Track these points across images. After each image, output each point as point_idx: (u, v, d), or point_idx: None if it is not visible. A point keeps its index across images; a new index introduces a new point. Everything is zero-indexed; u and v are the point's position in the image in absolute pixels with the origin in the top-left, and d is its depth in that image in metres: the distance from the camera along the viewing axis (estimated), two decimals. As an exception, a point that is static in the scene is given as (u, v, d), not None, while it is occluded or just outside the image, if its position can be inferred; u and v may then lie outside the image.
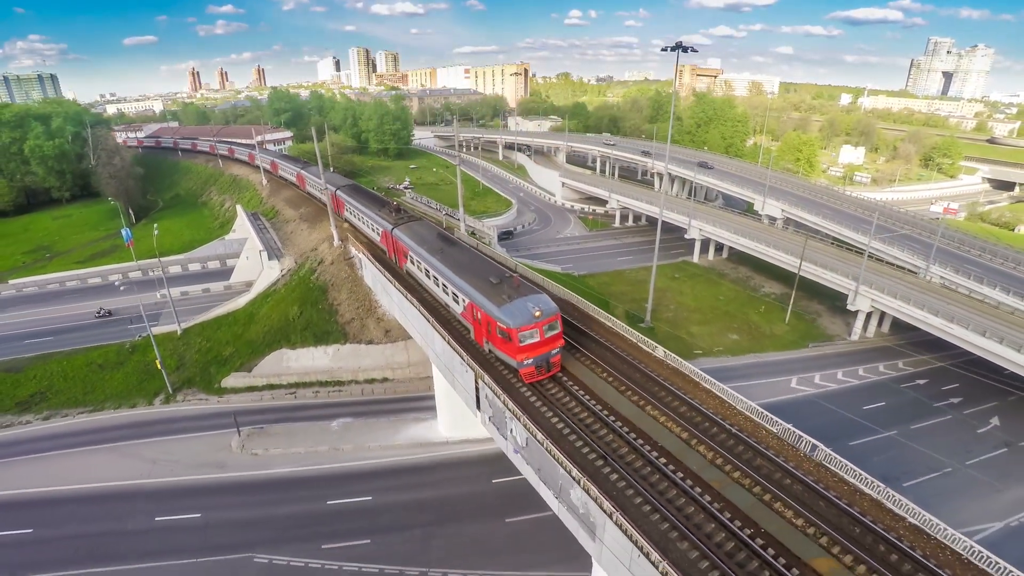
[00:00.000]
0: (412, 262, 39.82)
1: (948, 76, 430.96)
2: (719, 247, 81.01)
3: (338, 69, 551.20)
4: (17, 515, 35.42)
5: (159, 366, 46.44)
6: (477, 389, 28.53)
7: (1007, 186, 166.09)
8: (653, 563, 17.30)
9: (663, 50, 46.99)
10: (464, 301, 30.85)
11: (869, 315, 59.93)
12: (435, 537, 33.26)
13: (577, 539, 22.48)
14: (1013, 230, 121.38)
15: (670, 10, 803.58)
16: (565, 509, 22.32)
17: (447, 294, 33.61)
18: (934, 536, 19.46)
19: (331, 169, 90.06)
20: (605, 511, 19.23)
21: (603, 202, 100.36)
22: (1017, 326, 49.16)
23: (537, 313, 26.51)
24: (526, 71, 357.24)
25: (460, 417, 40.04)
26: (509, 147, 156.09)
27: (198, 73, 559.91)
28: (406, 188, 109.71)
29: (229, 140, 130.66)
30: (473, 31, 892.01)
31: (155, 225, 63.39)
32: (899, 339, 60.36)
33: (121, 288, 58.99)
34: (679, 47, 45.80)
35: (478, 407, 29.17)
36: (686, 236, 79.61)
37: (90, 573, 31.49)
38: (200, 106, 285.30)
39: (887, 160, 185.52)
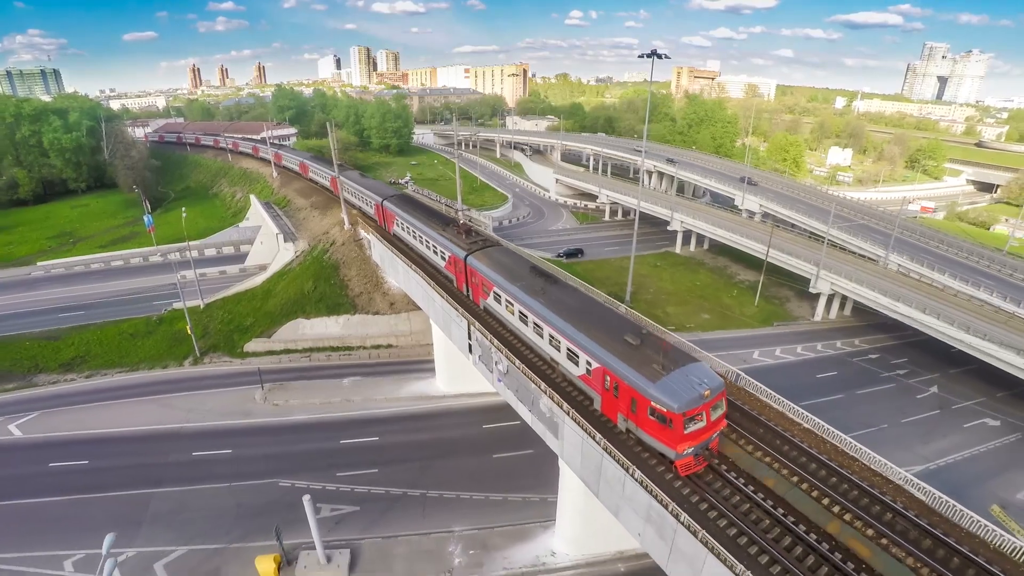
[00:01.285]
0: (497, 300, 33.31)
1: (943, 80, 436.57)
2: (700, 239, 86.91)
3: (339, 67, 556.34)
4: (73, 450, 41.15)
5: (189, 331, 52.24)
6: (469, 335, 34.32)
7: (990, 188, 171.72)
8: (597, 442, 23.18)
9: (640, 56, 52.79)
10: (589, 364, 25.17)
11: (831, 298, 65.73)
12: (432, 468, 39.14)
13: (545, 442, 28.36)
14: (989, 229, 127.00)
15: (671, 11, 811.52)
16: (536, 419, 28.22)
17: (555, 348, 27.92)
18: (818, 434, 25.32)
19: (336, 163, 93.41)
20: (564, 410, 25.14)
21: (594, 197, 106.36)
22: (957, 305, 55.10)
23: (706, 392, 21.43)
24: (525, 71, 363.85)
25: (456, 374, 46.08)
26: (507, 145, 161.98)
27: (199, 70, 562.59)
28: (407, 182, 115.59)
29: (253, 138, 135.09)
30: (473, 30, 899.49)
31: (183, 209, 69.21)
32: (859, 321, 66.17)
33: (162, 260, 65.57)
34: (654, 54, 51.53)
35: (470, 351, 34.96)
36: (668, 228, 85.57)
37: (138, 493, 37.12)
38: (204, 102, 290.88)
39: (874, 161, 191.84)
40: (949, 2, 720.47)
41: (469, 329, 34.29)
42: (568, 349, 26.69)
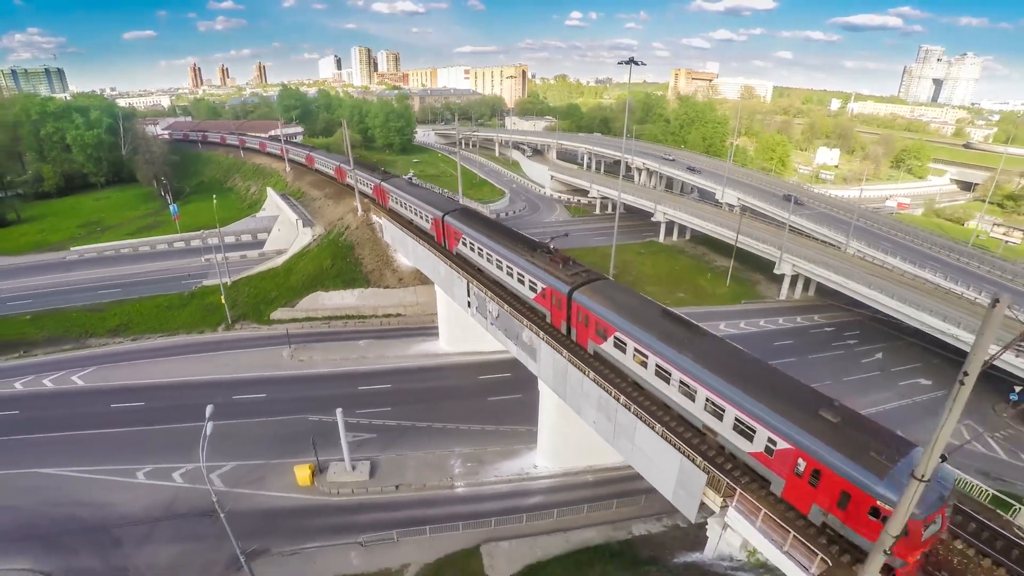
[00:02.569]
0: (620, 347, 28.60)
1: (938, 83, 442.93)
2: (683, 230, 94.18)
3: (339, 67, 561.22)
4: (130, 395, 48.37)
5: (223, 301, 59.55)
6: (468, 292, 41.53)
7: (971, 187, 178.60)
8: (564, 356, 30.43)
9: (619, 63, 59.87)
10: (771, 442, 21.23)
11: (795, 279, 72.95)
12: (436, 408, 46.59)
13: (528, 368, 35.58)
14: (963, 224, 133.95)
15: (671, 13, 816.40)
16: (520, 350, 35.42)
17: (715, 416, 23.74)
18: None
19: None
20: (541, 338, 32.39)
21: (586, 193, 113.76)
22: (905, 284, 62.24)
23: (947, 493, 18.09)
24: (524, 73, 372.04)
25: (457, 336, 53.50)
26: (506, 145, 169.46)
27: (199, 69, 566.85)
28: (410, 178, 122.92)
29: (279, 139, 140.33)
30: (473, 31, 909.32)
31: (213, 196, 76.65)
32: (820, 300, 73.32)
33: (186, 246, 72.51)
34: (631, 61, 58.62)
35: (468, 305, 42.16)
36: (652, 219, 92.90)
37: (189, 426, 43.96)
38: (210, 102, 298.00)
39: (860, 161, 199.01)
40: (949, 5, 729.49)
41: (468, 287, 41.53)
42: (737, 420, 22.46)
